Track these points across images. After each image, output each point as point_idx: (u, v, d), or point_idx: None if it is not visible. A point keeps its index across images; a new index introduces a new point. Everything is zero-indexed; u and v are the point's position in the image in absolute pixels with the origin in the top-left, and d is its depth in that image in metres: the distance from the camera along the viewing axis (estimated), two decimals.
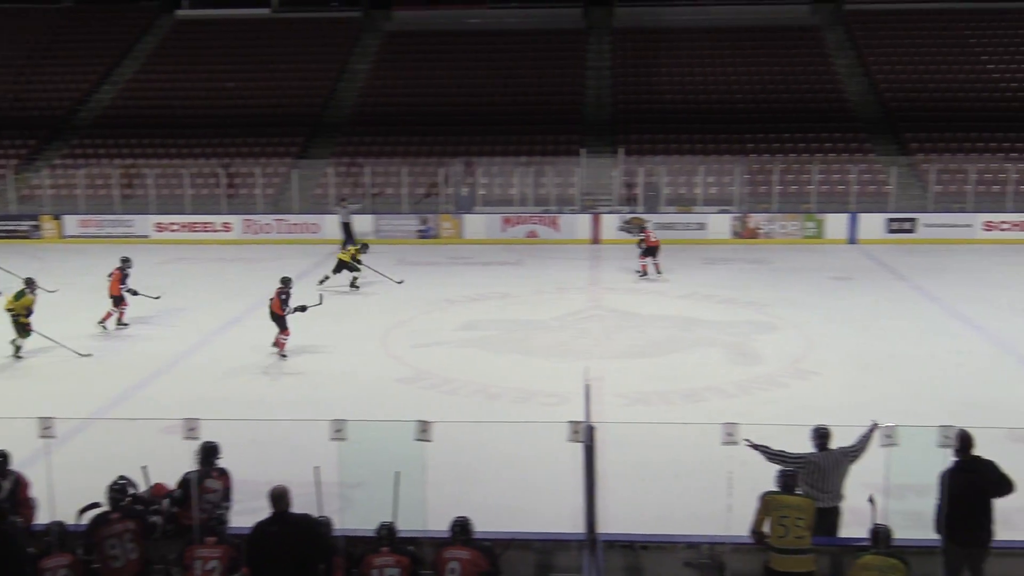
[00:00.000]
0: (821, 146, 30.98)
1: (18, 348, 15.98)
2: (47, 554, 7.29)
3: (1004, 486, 7.61)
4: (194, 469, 8.12)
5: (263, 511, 9.36)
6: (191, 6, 39.90)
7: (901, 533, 7.37)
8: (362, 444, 7.95)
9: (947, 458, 7.52)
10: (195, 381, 14.89)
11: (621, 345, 16.74)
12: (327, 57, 36.73)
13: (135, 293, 18.08)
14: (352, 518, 7.76)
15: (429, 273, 23.25)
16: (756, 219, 27.95)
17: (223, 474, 8.38)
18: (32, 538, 7.58)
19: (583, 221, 28.23)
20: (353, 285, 20.95)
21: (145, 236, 28.91)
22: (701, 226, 28.02)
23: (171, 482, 8.31)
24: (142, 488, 8.37)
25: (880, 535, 7.14)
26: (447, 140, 31.94)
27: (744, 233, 27.82)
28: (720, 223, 27.99)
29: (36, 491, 8.00)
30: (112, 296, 17.97)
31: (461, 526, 7.40)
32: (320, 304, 16.76)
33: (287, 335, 16.06)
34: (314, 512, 7.49)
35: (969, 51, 34.79)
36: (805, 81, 34.02)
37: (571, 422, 7.33)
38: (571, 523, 8.19)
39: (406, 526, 7.57)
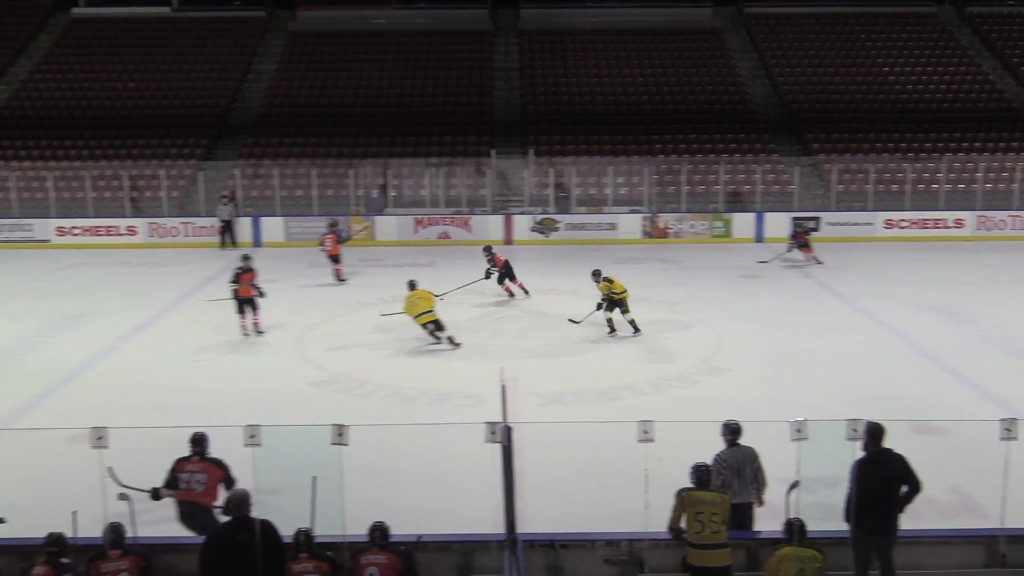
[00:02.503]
0: (727, 147, 31.57)
1: None
2: None
3: (912, 487, 7.81)
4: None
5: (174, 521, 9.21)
6: (87, 4, 38.77)
7: (813, 525, 7.54)
8: (277, 449, 7.84)
9: (856, 451, 7.72)
10: (102, 388, 14.50)
11: (536, 345, 16.82)
12: (231, 57, 36.11)
13: (263, 294, 17.34)
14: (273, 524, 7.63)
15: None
16: (666, 219, 28.35)
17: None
18: None
19: (495, 222, 28.28)
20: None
21: (46, 240, 28.02)
22: (612, 226, 28.32)
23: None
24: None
25: (794, 528, 7.30)
26: (356, 141, 31.68)
27: (654, 233, 28.20)
28: (631, 223, 28.31)
29: None
30: (240, 299, 17.24)
31: (379, 530, 7.37)
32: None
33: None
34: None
35: (866, 54, 35.83)
36: (709, 83, 34.63)
37: (488, 423, 7.34)
38: (491, 523, 8.21)
39: (324, 531, 7.49)
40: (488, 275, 20.46)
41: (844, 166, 29.95)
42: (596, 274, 17.17)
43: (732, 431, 8.72)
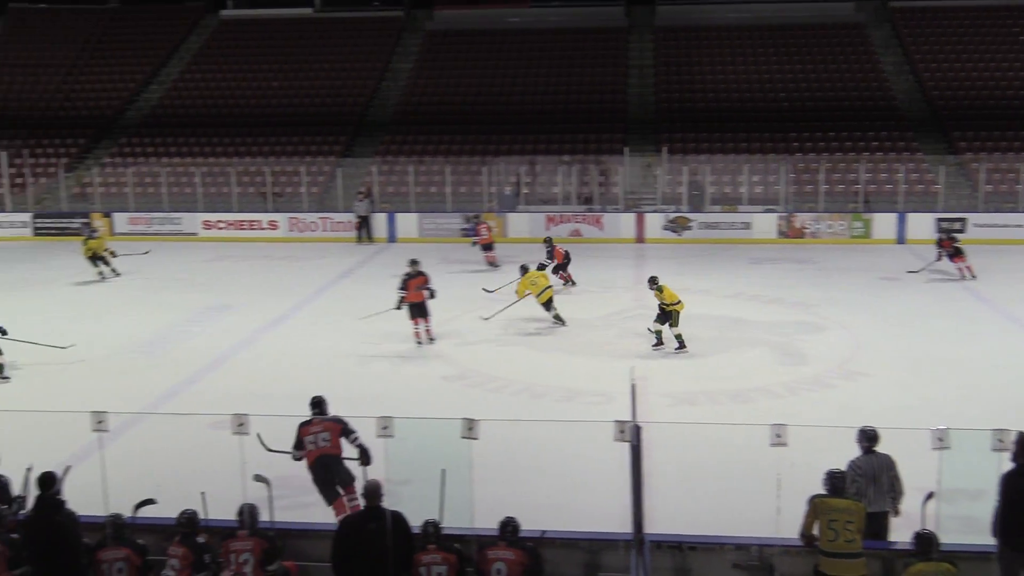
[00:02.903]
0: (868, 145, 30.62)
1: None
2: (103, 546, 7.39)
3: None
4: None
5: (311, 506, 9.49)
6: (235, 6, 40.28)
7: (954, 538, 7.26)
8: (409, 441, 7.98)
9: (1002, 462, 7.38)
10: (243, 377, 15.03)
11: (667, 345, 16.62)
12: (370, 56, 36.93)
13: (433, 295, 16.80)
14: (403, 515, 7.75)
15: (473, 271, 23.25)
16: (802, 218, 27.69)
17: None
18: (88, 530, 7.68)
19: (627, 220, 28.13)
20: None
21: (193, 233, 29.26)
22: (746, 225, 27.82)
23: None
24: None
25: (925, 540, 7.02)
26: (490, 139, 31.99)
27: (790, 233, 27.57)
28: (766, 223, 27.76)
29: (90, 484, 8.07)
30: (411, 305, 16.50)
31: (510, 526, 7.38)
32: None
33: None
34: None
35: (1017, 48, 34.21)
36: (851, 79, 33.65)
37: (617, 421, 7.29)
38: (618, 523, 8.15)
39: (452, 524, 7.58)
40: (542, 267, 20.37)
41: (993, 165, 28.66)
42: (652, 281, 16.22)
43: (869, 437, 8.44)
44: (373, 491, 7.39)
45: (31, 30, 39.29)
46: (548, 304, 17.42)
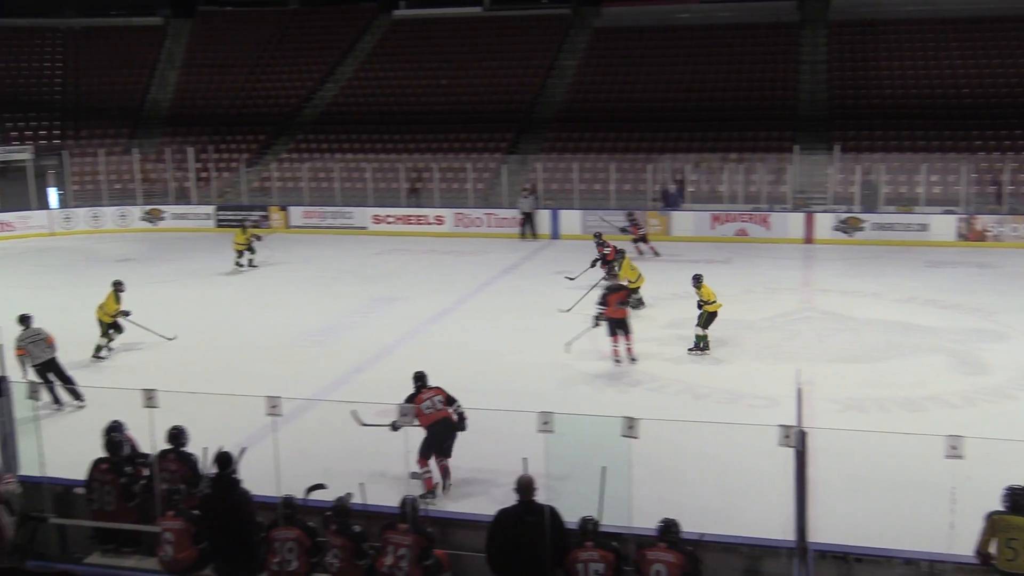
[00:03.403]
0: None
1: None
2: (276, 526, 7.72)
3: None
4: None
5: (470, 496, 9.65)
6: (407, 6, 41.28)
7: None
8: (569, 437, 7.99)
9: None
10: (407, 368, 15.32)
11: (834, 349, 16.13)
12: (537, 53, 37.17)
13: (642, 304, 16.63)
14: (558, 510, 7.78)
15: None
16: (984, 221, 26.30)
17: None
18: (261, 509, 8.03)
19: (795, 220, 27.41)
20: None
21: (363, 227, 30.15)
22: (923, 227, 26.64)
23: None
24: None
25: None
26: (655, 136, 31.71)
27: (970, 235, 26.24)
28: (944, 224, 26.51)
29: (263, 466, 8.43)
30: (612, 321, 15.41)
31: (670, 528, 7.29)
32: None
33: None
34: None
35: None
36: None
37: (782, 426, 7.13)
38: (780, 529, 7.96)
39: (610, 522, 7.56)
40: (595, 264, 20.14)
41: None
42: (697, 279, 15.73)
43: None
44: (527, 485, 7.44)
45: (217, 32, 41.30)
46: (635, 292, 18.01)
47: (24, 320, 13.78)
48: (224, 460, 8.05)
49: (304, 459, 10.17)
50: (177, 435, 8.76)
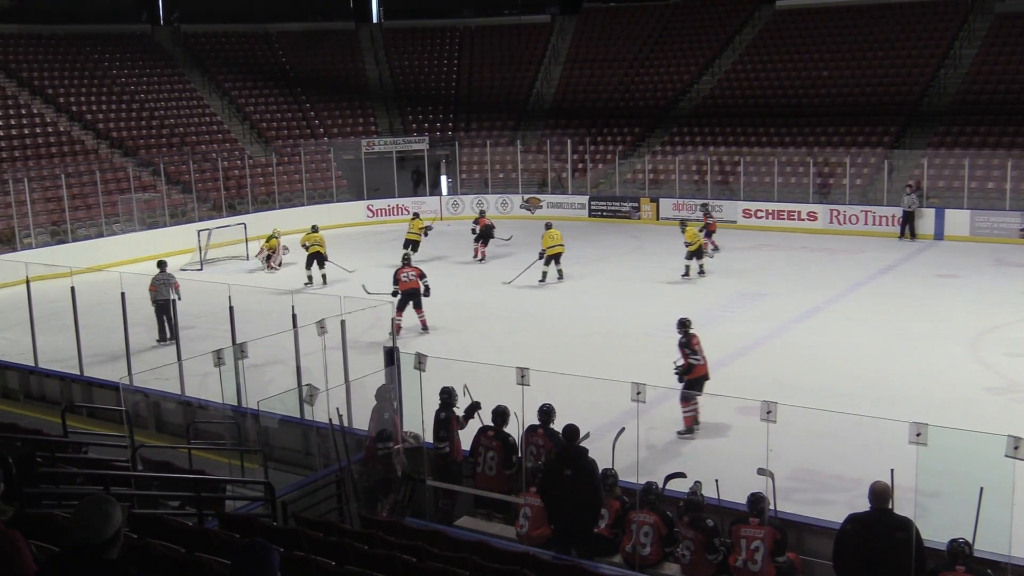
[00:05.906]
0: None
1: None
2: (633, 508, 7.94)
3: None
4: None
5: (829, 503, 9.36)
6: None
7: None
8: (943, 452, 7.51)
9: None
10: (772, 366, 15.12)
11: None
12: (928, 42, 34.81)
13: None
14: (924, 528, 7.32)
15: None
16: None
17: None
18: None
19: None
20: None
21: (733, 221, 29.88)
22: None
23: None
24: None
25: None
26: None
27: None
28: None
29: (629, 449, 8.63)
30: None
31: None
32: None
33: None
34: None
35: None
36: None
37: None
38: None
39: (984, 548, 7.02)
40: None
41: None
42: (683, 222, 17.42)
43: None
44: (880, 493, 7.06)
45: (600, 27, 42.52)
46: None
47: (160, 264, 17.58)
48: (571, 433, 8.36)
49: (663, 446, 10.30)
50: (547, 412, 9.20)
